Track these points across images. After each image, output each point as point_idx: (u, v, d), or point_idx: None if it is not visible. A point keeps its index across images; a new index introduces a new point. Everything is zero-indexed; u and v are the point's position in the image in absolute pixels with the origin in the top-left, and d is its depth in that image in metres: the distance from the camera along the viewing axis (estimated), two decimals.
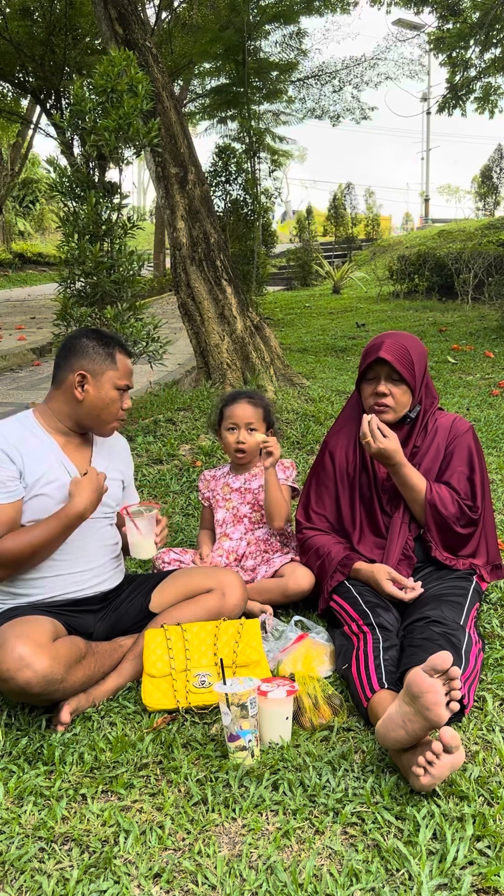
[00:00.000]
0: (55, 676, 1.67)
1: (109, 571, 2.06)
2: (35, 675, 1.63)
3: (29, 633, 1.69)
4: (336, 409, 4.63)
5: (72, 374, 1.92)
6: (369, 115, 14.24)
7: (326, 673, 1.95)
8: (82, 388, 1.92)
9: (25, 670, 1.63)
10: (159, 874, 1.31)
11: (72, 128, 3.52)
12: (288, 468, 2.58)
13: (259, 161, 11.29)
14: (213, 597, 2.06)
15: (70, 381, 1.92)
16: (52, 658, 1.67)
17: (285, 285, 17.55)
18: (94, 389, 1.92)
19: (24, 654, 1.63)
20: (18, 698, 1.72)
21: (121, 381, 1.96)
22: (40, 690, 1.66)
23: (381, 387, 2.16)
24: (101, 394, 1.93)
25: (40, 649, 1.66)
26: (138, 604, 2.08)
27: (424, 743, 1.46)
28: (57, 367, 1.97)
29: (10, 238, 20.09)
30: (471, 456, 2.21)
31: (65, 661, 1.71)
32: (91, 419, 1.96)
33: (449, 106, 10.67)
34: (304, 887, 1.25)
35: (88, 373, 1.92)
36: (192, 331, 5.08)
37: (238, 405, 2.52)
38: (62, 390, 1.95)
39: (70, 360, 1.94)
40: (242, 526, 2.53)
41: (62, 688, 1.72)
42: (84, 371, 1.92)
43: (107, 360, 1.94)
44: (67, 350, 1.96)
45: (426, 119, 26.78)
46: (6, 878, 1.32)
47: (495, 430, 4.30)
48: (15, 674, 1.62)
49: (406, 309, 11.00)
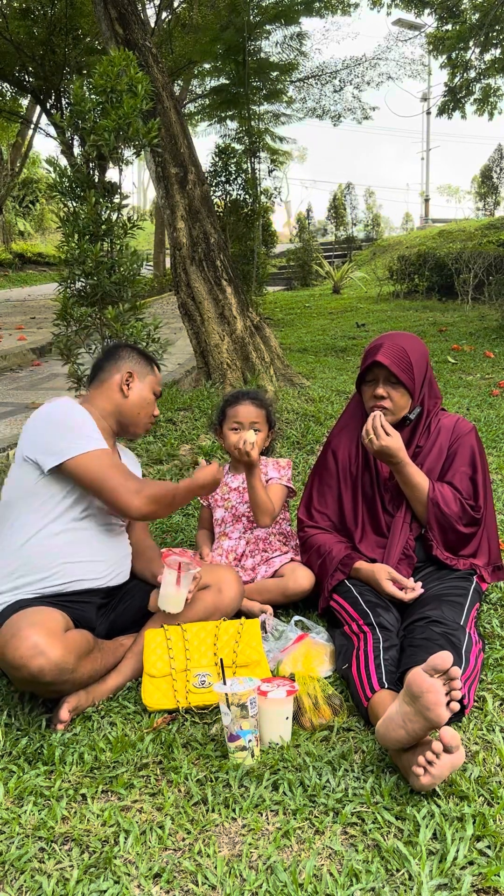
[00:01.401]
0: (67, 666, 1.69)
1: (122, 567, 2.08)
2: (48, 662, 1.65)
3: (43, 621, 1.71)
4: (336, 409, 4.63)
5: (118, 373, 2.11)
6: (370, 115, 14.24)
7: (326, 673, 1.95)
8: (128, 386, 2.10)
9: (39, 658, 1.64)
10: (159, 874, 1.31)
11: (72, 128, 3.51)
12: (283, 467, 2.58)
13: (259, 161, 11.30)
14: (210, 593, 2.07)
15: (116, 380, 2.10)
16: (64, 647, 1.69)
17: (285, 285, 17.55)
18: (138, 388, 2.12)
19: (39, 642, 1.65)
20: (28, 687, 1.73)
21: (157, 386, 2.19)
22: (52, 679, 1.67)
23: (380, 389, 2.16)
24: (143, 394, 2.12)
25: (54, 638, 1.68)
26: (137, 603, 2.09)
27: (424, 743, 1.46)
28: (99, 370, 2.15)
29: (10, 238, 20.08)
30: (473, 456, 2.21)
31: (76, 651, 1.73)
32: (131, 417, 2.11)
33: (448, 108, 10.68)
34: (304, 887, 1.25)
35: (135, 373, 2.12)
36: (192, 331, 5.08)
37: (242, 405, 2.52)
38: (104, 388, 2.10)
39: (117, 362, 2.13)
40: (241, 525, 2.53)
41: (72, 678, 1.73)
42: (131, 370, 2.12)
43: (148, 365, 2.18)
44: (111, 355, 2.16)
45: (426, 119, 26.78)
46: (6, 878, 1.32)
47: (495, 430, 4.30)
48: (29, 661, 1.63)
49: (406, 309, 11.01)
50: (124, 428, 2.12)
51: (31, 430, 1.97)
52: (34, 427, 1.97)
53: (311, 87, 13.72)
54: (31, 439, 1.95)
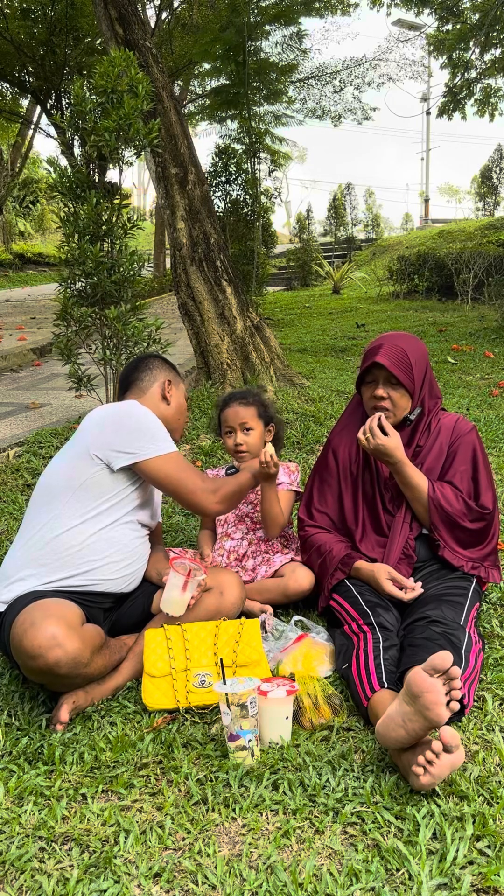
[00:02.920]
0: (82, 659, 1.70)
1: (139, 575, 2.10)
2: (65, 654, 1.66)
3: (61, 613, 1.72)
4: (336, 408, 4.63)
5: (156, 382, 2.22)
6: (371, 116, 14.23)
7: (326, 673, 1.96)
8: (170, 394, 2.23)
9: (57, 649, 1.65)
10: (159, 874, 1.31)
11: (72, 128, 3.52)
12: (293, 472, 2.58)
13: (259, 161, 11.31)
14: (212, 596, 2.07)
15: (157, 389, 2.22)
16: (81, 640, 1.71)
17: (285, 285, 17.55)
18: (177, 396, 2.26)
19: (57, 634, 1.66)
20: (40, 678, 1.73)
21: (186, 394, 2.33)
22: (67, 671, 1.68)
23: (379, 390, 2.16)
24: (180, 400, 2.27)
25: (71, 630, 1.70)
26: (140, 605, 2.10)
27: (424, 742, 1.46)
28: (138, 380, 2.23)
29: (10, 238, 20.09)
30: (474, 455, 2.21)
31: (91, 645, 1.75)
32: (173, 423, 2.22)
33: (448, 109, 10.68)
34: (304, 887, 1.26)
35: (172, 381, 2.25)
36: (192, 331, 5.08)
37: (230, 408, 2.52)
38: (147, 397, 2.20)
39: (153, 372, 2.24)
40: (244, 526, 2.53)
41: (85, 672, 1.74)
42: (169, 378, 2.25)
43: (178, 374, 2.32)
44: (146, 366, 2.26)
45: (426, 119, 26.80)
46: (6, 878, 1.32)
47: (495, 430, 4.29)
48: (46, 652, 1.64)
49: (406, 309, 11.01)
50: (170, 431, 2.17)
51: (103, 427, 2.00)
52: (106, 424, 2.00)
53: (311, 88, 13.71)
54: (103, 436, 1.97)
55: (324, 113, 14.03)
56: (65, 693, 1.80)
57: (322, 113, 14.02)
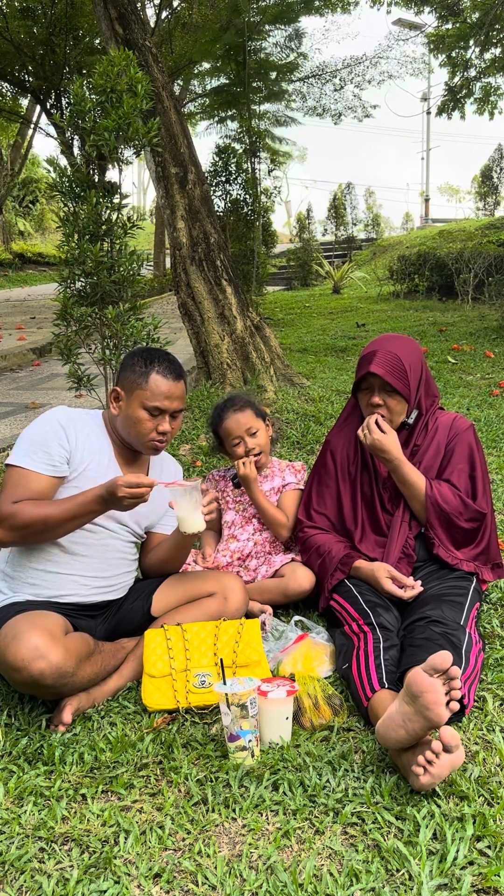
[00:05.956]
0: (67, 669, 1.69)
1: (121, 584, 2.07)
2: (49, 665, 1.65)
3: (43, 624, 1.71)
4: (336, 409, 4.63)
5: (112, 387, 2.00)
6: (371, 114, 14.23)
7: (326, 673, 1.95)
8: (116, 404, 1.98)
9: (40, 661, 1.64)
10: (159, 874, 1.31)
11: (72, 128, 3.51)
12: (299, 471, 2.58)
13: (259, 161, 11.30)
14: (215, 601, 2.06)
15: (111, 393, 1.99)
16: (65, 650, 1.69)
17: (285, 285, 17.54)
18: (125, 406, 1.96)
19: (40, 645, 1.65)
20: (27, 690, 1.73)
21: (149, 401, 1.92)
22: (52, 682, 1.67)
23: (375, 398, 2.16)
24: (129, 412, 1.94)
25: (55, 641, 1.68)
26: (140, 607, 2.08)
27: (424, 742, 1.46)
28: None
29: (10, 238, 20.09)
30: (471, 453, 2.21)
31: (76, 654, 1.73)
32: (126, 435, 1.99)
33: (448, 108, 10.67)
34: (304, 887, 1.25)
35: (122, 390, 1.97)
36: (192, 331, 5.08)
37: (229, 420, 2.51)
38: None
39: (119, 374, 2.02)
40: (251, 526, 2.53)
41: (72, 682, 1.73)
42: (118, 388, 1.97)
43: (139, 378, 1.94)
44: (121, 365, 2.03)
45: (426, 119, 26.79)
46: (6, 878, 1.32)
47: (495, 429, 4.29)
48: (30, 664, 1.63)
49: (406, 309, 11.00)
50: (130, 444, 2.01)
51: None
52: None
53: (311, 86, 13.71)
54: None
55: (324, 111, 14.03)
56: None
57: (322, 111, 14.03)
